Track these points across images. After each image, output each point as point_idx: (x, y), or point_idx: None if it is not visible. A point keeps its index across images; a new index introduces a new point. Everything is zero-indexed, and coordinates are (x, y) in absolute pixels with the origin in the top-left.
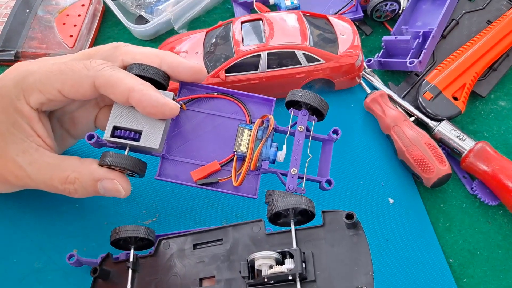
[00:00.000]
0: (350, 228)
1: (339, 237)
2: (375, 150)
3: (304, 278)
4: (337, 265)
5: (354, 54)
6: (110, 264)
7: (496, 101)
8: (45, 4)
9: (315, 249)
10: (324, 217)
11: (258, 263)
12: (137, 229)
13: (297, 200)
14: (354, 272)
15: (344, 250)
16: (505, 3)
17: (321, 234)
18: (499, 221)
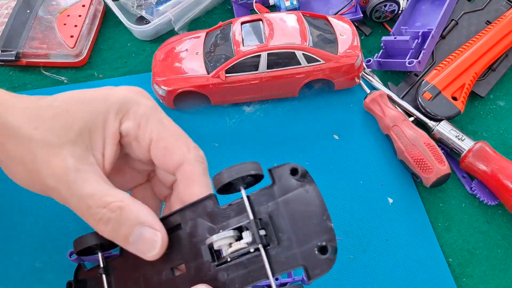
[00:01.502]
0: (299, 180)
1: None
2: (374, 150)
3: (267, 245)
4: (295, 221)
5: (353, 55)
6: (85, 274)
7: (495, 101)
8: (46, 5)
9: (272, 210)
10: (272, 176)
11: (217, 245)
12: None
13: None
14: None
15: (299, 204)
16: (504, 3)
17: (273, 193)
18: (498, 220)
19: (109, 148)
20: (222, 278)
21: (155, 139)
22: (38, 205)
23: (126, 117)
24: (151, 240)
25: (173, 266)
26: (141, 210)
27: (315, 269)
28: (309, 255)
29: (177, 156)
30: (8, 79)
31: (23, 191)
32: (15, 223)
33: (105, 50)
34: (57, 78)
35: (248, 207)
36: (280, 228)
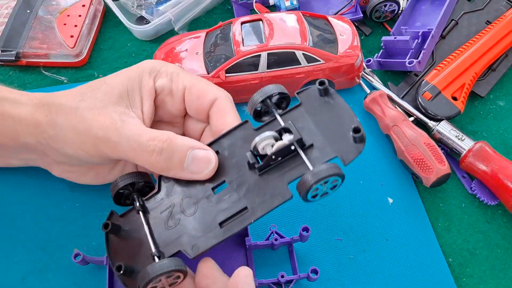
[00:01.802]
0: (324, 95)
1: (318, 107)
2: (374, 150)
3: (302, 145)
4: (325, 127)
5: (353, 55)
6: (117, 219)
7: (495, 101)
8: (46, 5)
9: (301, 123)
10: (300, 97)
11: (261, 147)
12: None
13: (272, 87)
14: (341, 124)
15: (326, 114)
16: (504, 3)
17: (301, 111)
18: (498, 220)
19: (147, 104)
20: (266, 182)
21: (188, 86)
22: (38, 205)
23: (159, 76)
24: (206, 158)
25: (214, 186)
26: (188, 138)
27: (348, 155)
28: (341, 146)
29: (210, 95)
30: (8, 79)
31: (23, 191)
32: (15, 223)
33: (105, 50)
34: (57, 78)
35: (280, 119)
36: (312, 134)
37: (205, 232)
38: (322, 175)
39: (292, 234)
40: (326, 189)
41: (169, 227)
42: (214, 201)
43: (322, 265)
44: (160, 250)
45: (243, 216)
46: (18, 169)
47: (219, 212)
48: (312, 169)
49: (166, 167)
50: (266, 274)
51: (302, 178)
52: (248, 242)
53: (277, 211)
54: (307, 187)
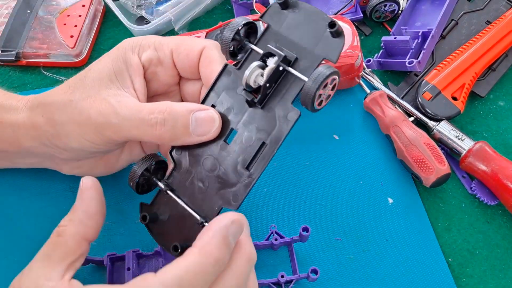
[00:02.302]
0: (286, 8)
1: (286, 20)
2: (374, 150)
3: (289, 62)
4: (301, 36)
5: (353, 55)
6: (150, 209)
7: (495, 101)
8: (46, 5)
9: (277, 42)
10: (265, 20)
11: (252, 80)
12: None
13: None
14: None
15: (297, 24)
16: (504, 3)
17: (272, 31)
18: (498, 220)
19: (138, 81)
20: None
21: (174, 48)
22: (38, 205)
23: (142, 49)
24: (209, 118)
25: (225, 137)
26: (186, 103)
27: (333, 52)
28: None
29: (197, 48)
30: (8, 79)
31: (22, 191)
32: (15, 223)
33: (105, 50)
34: (57, 78)
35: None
36: (292, 48)
37: (237, 181)
38: (320, 79)
39: (292, 234)
40: (328, 91)
41: (200, 192)
42: (231, 150)
43: (322, 265)
44: (204, 216)
45: (264, 151)
46: (18, 170)
47: (239, 157)
48: (308, 79)
49: (173, 136)
50: (266, 274)
51: (303, 90)
52: None
53: (277, 211)
54: (312, 96)
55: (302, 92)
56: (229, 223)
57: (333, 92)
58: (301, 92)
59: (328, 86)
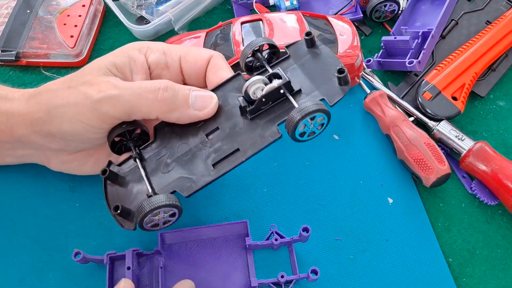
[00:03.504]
0: (311, 46)
1: (305, 57)
2: (374, 150)
3: (291, 90)
4: (312, 74)
5: (353, 55)
6: (114, 168)
7: (495, 101)
8: (46, 5)
9: (290, 72)
10: (288, 50)
11: (252, 91)
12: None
13: (261, 39)
14: (327, 69)
15: (313, 63)
16: (504, 3)
17: (290, 62)
18: (498, 220)
19: (139, 77)
20: (257, 125)
21: (183, 55)
22: (38, 205)
23: (150, 51)
24: (208, 96)
25: (208, 133)
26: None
27: (334, 96)
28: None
29: (205, 56)
30: (8, 79)
31: (23, 191)
32: (15, 223)
33: (105, 50)
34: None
35: (269, 68)
36: (300, 81)
37: (198, 174)
38: (307, 110)
39: (292, 234)
40: (313, 128)
41: (164, 171)
42: (208, 146)
43: (322, 265)
44: (156, 192)
45: (235, 156)
46: (18, 169)
47: (212, 154)
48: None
49: (173, 105)
50: (266, 274)
51: (289, 115)
52: (248, 242)
53: (278, 211)
54: (294, 123)
55: (287, 118)
56: None
57: (319, 131)
58: (287, 117)
59: (316, 122)
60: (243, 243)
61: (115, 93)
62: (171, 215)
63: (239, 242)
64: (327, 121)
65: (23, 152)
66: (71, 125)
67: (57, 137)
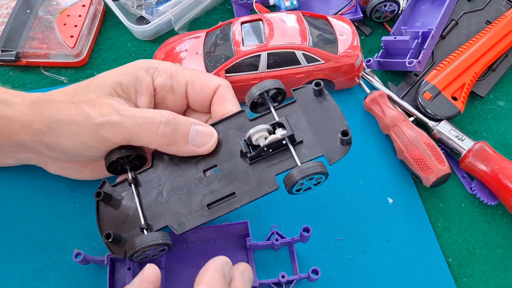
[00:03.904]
0: (318, 95)
1: (311, 105)
2: (374, 150)
3: (293, 141)
4: (315, 125)
5: (353, 55)
6: (109, 189)
7: (495, 101)
8: (46, 5)
9: (294, 119)
10: (295, 94)
11: (255, 138)
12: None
13: (269, 83)
14: (332, 124)
15: (318, 114)
16: (504, 3)
17: (295, 108)
18: (498, 220)
19: (143, 99)
20: (255, 171)
21: (190, 80)
22: (38, 205)
23: (157, 73)
24: (208, 132)
25: (205, 169)
26: (188, 117)
27: (334, 155)
28: (329, 146)
29: (212, 84)
30: (8, 79)
31: (23, 191)
32: (15, 223)
33: (105, 50)
34: (57, 78)
35: (275, 113)
36: (303, 131)
37: (192, 212)
38: (307, 172)
39: (293, 235)
40: (310, 184)
41: (158, 202)
42: (204, 183)
43: (322, 265)
44: (149, 223)
45: (230, 200)
46: (18, 169)
47: (207, 194)
48: (300, 165)
49: (172, 140)
50: (267, 274)
51: (289, 172)
52: (249, 242)
53: (278, 212)
54: (293, 182)
55: (287, 174)
56: (224, 263)
57: (315, 187)
58: (287, 173)
59: (313, 180)
60: (243, 243)
61: (117, 119)
62: (161, 250)
63: (240, 243)
64: (324, 179)
65: (22, 156)
66: (70, 142)
67: (55, 149)
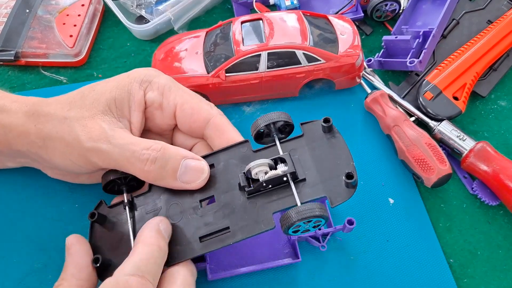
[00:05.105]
0: (326, 132)
1: (319, 141)
2: (375, 150)
3: (295, 178)
4: (320, 164)
5: (354, 54)
6: (105, 210)
7: (497, 101)
8: (45, 4)
9: (299, 155)
10: (303, 128)
11: (254, 172)
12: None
13: (276, 115)
14: (337, 164)
15: (324, 151)
16: (506, 3)
17: (302, 143)
18: (499, 221)
19: (135, 115)
20: (252, 206)
21: (180, 103)
22: (38, 206)
23: (150, 88)
24: (199, 168)
25: (202, 199)
26: (180, 148)
27: (337, 197)
28: (332, 187)
29: (204, 113)
30: (7, 79)
31: (22, 191)
32: (14, 223)
33: (105, 50)
34: (56, 77)
35: (279, 147)
36: (307, 169)
37: (184, 243)
38: (306, 214)
39: None
40: (308, 227)
41: None
42: (199, 214)
43: (322, 265)
44: None
45: (224, 235)
46: (18, 170)
47: (202, 226)
48: (298, 206)
49: (159, 177)
50: None
51: (286, 212)
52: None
53: None
54: (289, 223)
55: (283, 214)
56: (158, 221)
57: (313, 229)
58: (284, 213)
59: (311, 223)
60: None
61: (105, 148)
62: None
63: None
64: (323, 223)
65: (21, 160)
66: (61, 160)
67: (50, 163)
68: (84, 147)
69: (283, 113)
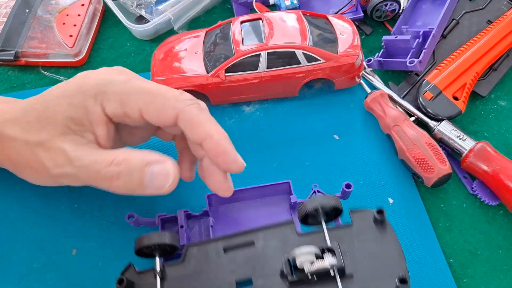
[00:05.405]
0: (378, 224)
1: (369, 234)
2: (375, 150)
3: (342, 273)
4: (370, 260)
5: (354, 54)
6: (133, 275)
7: (497, 101)
8: (45, 4)
9: (347, 247)
10: (353, 217)
11: (299, 260)
12: (161, 235)
13: (327, 200)
14: (389, 264)
15: (375, 246)
16: (506, 3)
17: (350, 233)
18: (499, 221)
19: (100, 129)
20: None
21: (144, 107)
22: (37, 206)
23: (107, 100)
24: (163, 172)
25: (239, 281)
26: (143, 153)
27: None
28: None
29: (169, 111)
30: (7, 79)
31: (22, 191)
32: (14, 223)
33: (104, 50)
34: (56, 77)
35: (327, 235)
36: (355, 262)
37: None
38: None
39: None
40: None
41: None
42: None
43: None
44: None
45: None
46: None
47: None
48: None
49: (129, 189)
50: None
51: None
52: (293, 200)
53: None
54: None
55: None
56: None
57: None
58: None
59: None
60: (286, 202)
61: (71, 172)
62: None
63: (283, 201)
64: None
65: None
66: (36, 181)
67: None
68: (52, 174)
69: (334, 198)
